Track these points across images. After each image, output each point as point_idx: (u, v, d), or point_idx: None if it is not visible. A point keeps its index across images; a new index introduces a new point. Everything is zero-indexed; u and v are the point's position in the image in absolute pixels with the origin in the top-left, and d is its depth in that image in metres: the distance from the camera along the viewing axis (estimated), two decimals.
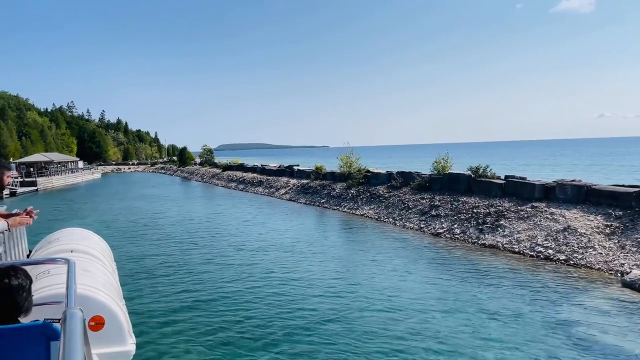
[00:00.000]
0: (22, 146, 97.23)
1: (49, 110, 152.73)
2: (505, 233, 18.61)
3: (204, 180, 65.05)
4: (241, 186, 49.83)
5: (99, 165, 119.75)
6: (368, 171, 33.32)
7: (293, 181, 41.81)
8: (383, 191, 28.94)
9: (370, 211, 27.05)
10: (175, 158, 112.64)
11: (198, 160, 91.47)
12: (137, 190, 54.38)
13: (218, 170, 65.80)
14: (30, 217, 5.01)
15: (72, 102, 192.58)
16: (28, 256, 5.96)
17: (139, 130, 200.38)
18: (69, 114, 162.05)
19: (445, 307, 11.29)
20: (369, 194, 29.69)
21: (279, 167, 50.89)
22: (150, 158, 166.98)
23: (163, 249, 19.80)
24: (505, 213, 20.02)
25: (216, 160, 77.08)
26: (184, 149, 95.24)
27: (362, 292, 12.49)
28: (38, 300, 2.95)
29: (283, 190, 40.31)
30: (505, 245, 17.69)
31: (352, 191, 31.60)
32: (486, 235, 19.01)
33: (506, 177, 23.37)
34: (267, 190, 43.09)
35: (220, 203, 37.76)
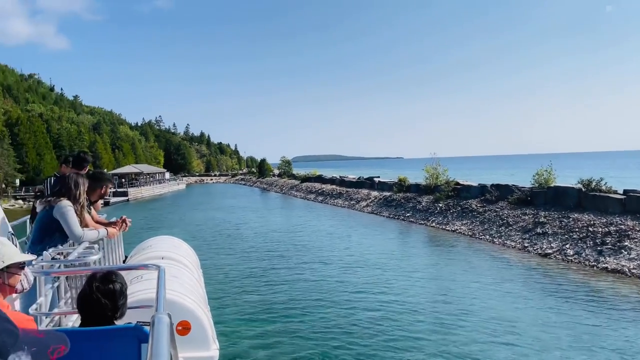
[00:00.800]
0: (114, 158, 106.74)
1: (139, 124, 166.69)
2: (632, 256, 16.35)
3: (283, 191, 66.33)
4: (320, 198, 49.94)
5: (183, 176, 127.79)
6: (457, 183, 31.61)
7: (374, 193, 40.96)
8: (476, 205, 27.18)
9: (462, 227, 25.47)
10: (254, 170, 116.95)
11: (276, 171, 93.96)
12: (219, 201, 56.82)
13: (296, 182, 67.00)
14: (126, 225, 5.43)
15: (159, 116, 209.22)
16: (124, 261, 6.29)
17: (220, 143, 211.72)
18: (157, 127, 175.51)
19: (577, 344, 9.88)
20: (459, 208, 28.07)
21: (358, 178, 50.40)
22: (230, 169, 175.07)
23: (246, 259, 19.96)
24: (629, 233, 17.65)
25: (294, 172, 78.68)
26: (263, 160, 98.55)
27: (471, 322, 11.38)
28: (132, 304, 3.17)
29: (364, 203, 39.62)
30: (633, 270, 15.51)
31: (440, 205, 30.13)
32: (607, 258, 16.84)
33: (625, 191, 20.72)
34: (347, 203, 42.65)
35: (301, 215, 37.96)
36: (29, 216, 5.90)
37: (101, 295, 2.52)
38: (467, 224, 25.53)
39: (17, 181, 68.60)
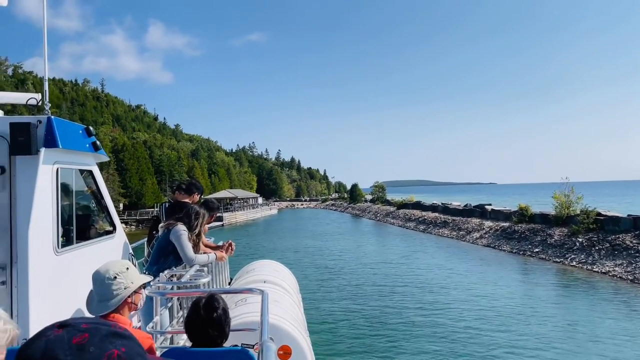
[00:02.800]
0: (211, 183, 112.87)
1: (233, 150, 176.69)
2: None
3: (377, 218, 64.31)
4: (422, 227, 46.79)
5: (275, 201, 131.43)
6: (599, 214, 27.21)
7: (488, 223, 37.13)
8: (632, 242, 22.81)
9: (617, 268, 21.32)
10: (345, 195, 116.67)
11: (368, 197, 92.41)
12: (312, 227, 56.42)
13: (392, 208, 64.46)
14: (232, 249, 5.85)
15: (253, 142, 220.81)
16: (229, 283, 6.83)
17: (310, 168, 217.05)
18: (250, 153, 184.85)
19: None
20: (608, 245, 23.80)
21: (465, 206, 46.45)
22: (320, 194, 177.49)
23: (345, 288, 19.15)
24: None
25: (389, 198, 76.25)
26: (355, 186, 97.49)
27: None
28: (236, 326, 3.37)
29: (477, 234, 35.92)
30: None
31: (579, 239, 25.96)
32: None
33: None
34: (455, 233, 39.15)
35: (403, 245, 35.56)
36: (146, 239, 6.37)
37: (207, 325, 2.77)
38: (624, 265, 21.30)
39: (121, 205, 74.60)
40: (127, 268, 2.72)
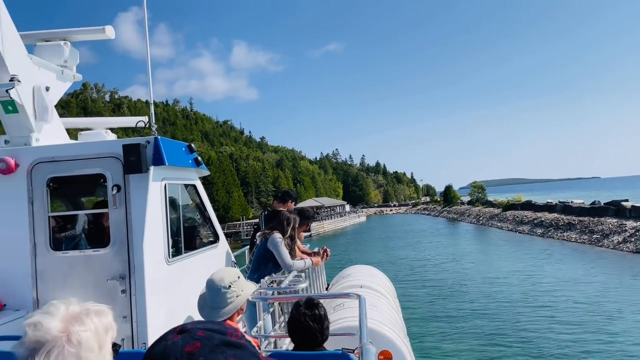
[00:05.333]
0: (296, 192, 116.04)
1: (317, 158, 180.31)
2: None
3: (479, 222, 60.84)
4: (539, 230, 42.19)
5: (362, 207, 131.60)
6: None
7: (631, 224, 31.92)
8: None
9: None
10: (437, 198, 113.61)
11: (464, 198, 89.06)
12: (405, 234, 55.26)
13: (496, 211, 60.26)
14: (327, 255, 6.15)
15: (336, 149, 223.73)
16: (326, 289, 7.13)
17: (396, 172, 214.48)
18: (334, 160, 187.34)
19: None
20: None
21: (592, 203, 40.93)
22: (408, 199, 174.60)
23: (453, 301, 18.57)
24: None
25: (491, 199, 72.59)
26: (449, 187, 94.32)
27: None
28: (335, 331, 3.52)
29: (617, 237, 31.19)
30: None
31: None
32: None
33: None
34: (585, 237, 34.40)
35: (519, 253, 31.94)
36: (248, 247, 6.93)
37: (309, 320, 2.99)
38: None
39: None
40: (238, 277, 3.00)
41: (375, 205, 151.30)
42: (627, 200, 37.79)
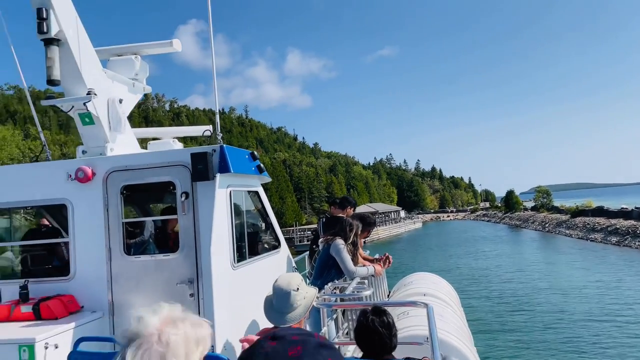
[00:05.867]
0: None
1: (370, 164, 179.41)
2: None
3: (545, 229, 58.31)
4: (613, 239, 40.10)
5: (418, 213, 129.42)
6: None
7: None
8: None
9: None
10: (498, 204, 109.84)
11: (527, 204, 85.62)
12: (464, 242, 53.60)
13: (564, 217, 57.71)
14: (389, 262, 6.19)
15: (390, 154, 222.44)
16: (388, 296, 7.00)
17: (453, 177, 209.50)
18: (388, 166, 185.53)
19: None
20: None
21: None
22: (466, 204, 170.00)
23: (517, 311, 18.02)
24: None
25: (557, 204, 69.32)
26: (511, 192, 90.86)
27: None
28: (401, 339, 3.37)
29: None
30: None
31: None
32: None
33: None
34: None
35: (594, 263, 29.89)
36: (307, 253, 7.09)
37: (378, 326, 2.97)
38: None
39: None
40: (302, 280, 3.08)
41: (432, 211, 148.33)
42: None
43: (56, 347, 4.01)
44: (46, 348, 3.93)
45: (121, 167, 4.72)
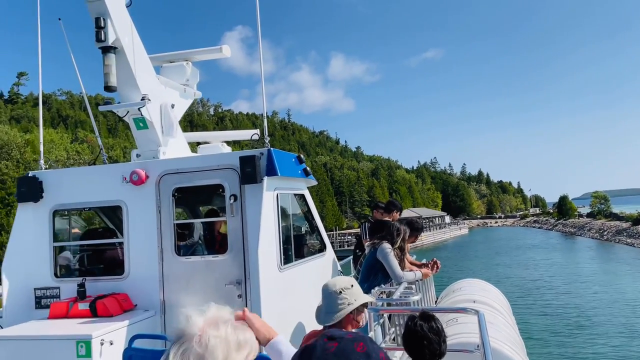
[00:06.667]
0: None
1: (414, 167, 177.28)
2: None
3: (603, 237, 55.91)
4: None
5: (464, 219, 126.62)
6: None
7: None
8: None
9: None
10: (551, 210, 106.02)
11: (582, 210, 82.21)
12: (514, 250, 51.80)
13: (624, 224, 55.28)
14: (437, 267, 6.07)
15: (434, 158, 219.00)
16: (436, 302, 7.02)
17: (501, 181, 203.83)
18: (432, 169, 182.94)
19: None
20: None
21: None
22: (515, 210, 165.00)
23: (576, 325, 17.24)
24: None
25: (616, 211, 66.23)
26: (564, 198, 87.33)
27: None
28: (450, 346, 3.36)
29: None
30: None
31: None
32: None
33: None
34: None
35: None
36: (352, 257, 7.19)
37: (427, 331, 2.98)
38: None
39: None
40: (352, 285, 3.10)
41: (478, 216, 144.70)
42: None
43: (111, 344, 4.21)
44: (102, 344, 4.13)
45: (173, 170, 4.93)
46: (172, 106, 5.27)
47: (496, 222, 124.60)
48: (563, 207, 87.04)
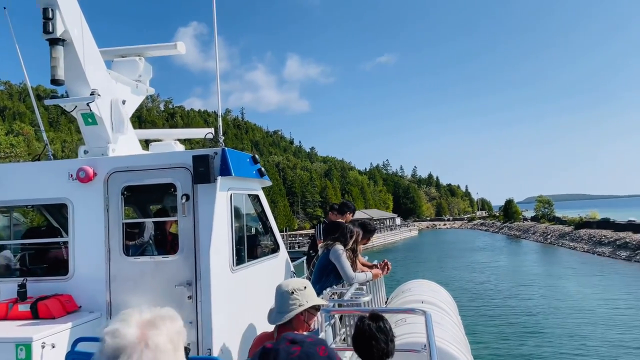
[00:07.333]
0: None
1: (367, 169, 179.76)
2: None
3: (547, 240, 58.22)
4: (623, 253, 39.13)
5: (414, 221, 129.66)
6: None
7: None
8: None
9: None
10: (496, 213, 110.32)
11: (526, 214, 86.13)
12: (462, 253, 53.06)
13: (567, 228, 57.52)
14: (388, 268, 6.19)
15: (387, 160, 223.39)
16: (386, 303, 7.12)
17: (450, 184, 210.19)
18: (385, 171, 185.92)
19: None
20: None
21: None
22: (463, 212, 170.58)
23: (522, 331, 17.70)
24: None
25: (559, 215, 69.39)
26: (510, 202, 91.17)
27: None
28: (398, 346, 3.41)
29: None
30: None
31: None
32: None
33: None
34: None
35: (604, 280, 28.89)
36: (305, 257, 7.29)
37: (375, 331, 3.00)
38: None
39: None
40: (305, 287, 3.17)
41: (428, 218, 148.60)
42: None
43: (53, 347, 4.08)
44: (43, 347, 4.00)
45: (123, 168, 4.82)
46: (123, 102, 5.16)
47: (445, 225, 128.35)
48: (509, 211, 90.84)
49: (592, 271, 33.15)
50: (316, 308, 3.18)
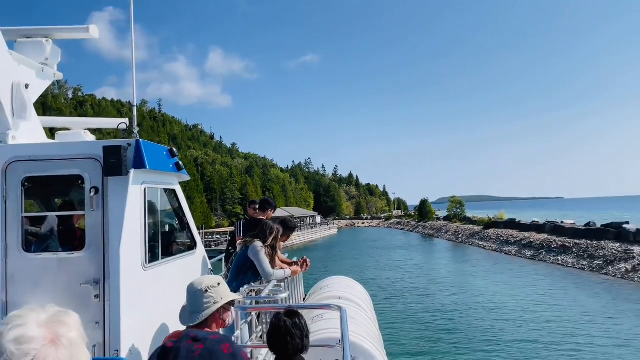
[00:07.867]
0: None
1: (289, 167, 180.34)
2: None
3: (459, 239, 60.84)
4: (528, 252, 40.59)
5: (334, 219, 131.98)
6: None
7: (639, 250, 29.65)
8: None
9: None
10: (412, 212, 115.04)
11: (439, 214, 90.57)
12: (379, 251, 54.57)
13: (477, 228, 60.28)
14: (307, 265, 6.33)
15: (309, 158, 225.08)
16: (304, 299, 7.17)
17: (369, 184, 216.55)
18: (307, 169, 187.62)
19: None
20: None
21: (587, 225, 38.59)
22: (380, 211, 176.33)
23: (434, 326, 18.61)
24: None
25: (470, 215, 73.16)
26: (425, 202, 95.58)
27: None
28: (314, 342, 3.56)
29: (625, 266, 28.50)
30: None
31: None
32: None
33: None
34: (584, 263, 32.19)
35: (513, 278, 29.90)
36: (224, 255, 7.29)
37: (290, 327, 3.07)
38: None
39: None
40: (219, 284, 3.12)
41: (347, 217, 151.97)
42: (627, 223, 34.72)
43: None
44: None
45: (24, 157, 4.49)
46: (27, 86, 4.79)
47: (363, 223, 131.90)
48: (423, 210, 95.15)
49: (501, 269, 34.89)
50: (230, 303, 3.16)
